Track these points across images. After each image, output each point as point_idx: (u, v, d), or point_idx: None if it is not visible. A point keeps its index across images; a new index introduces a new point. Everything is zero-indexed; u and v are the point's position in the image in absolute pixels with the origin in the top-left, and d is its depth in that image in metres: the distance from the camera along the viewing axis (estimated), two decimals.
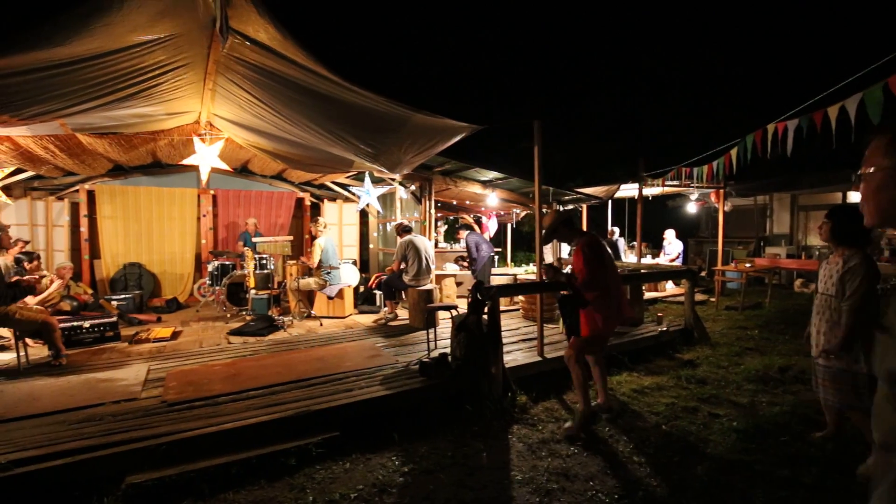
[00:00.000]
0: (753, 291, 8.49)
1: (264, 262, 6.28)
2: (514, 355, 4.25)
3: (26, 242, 5.57)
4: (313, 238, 6.31)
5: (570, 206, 8.69)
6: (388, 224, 8.93)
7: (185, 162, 5.34)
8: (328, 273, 6.24)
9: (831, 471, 2.62)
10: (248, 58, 3.12)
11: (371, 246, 9.33)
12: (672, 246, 9.07)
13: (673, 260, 8.89)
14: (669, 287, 8.85)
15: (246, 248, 6.70)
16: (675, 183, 8.03)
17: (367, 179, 6.85)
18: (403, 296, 6.16)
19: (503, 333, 4.01)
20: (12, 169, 5.74)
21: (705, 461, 2.77)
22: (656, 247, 11.20)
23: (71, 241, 7.50)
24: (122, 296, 6.61)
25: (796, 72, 17.57)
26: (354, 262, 8.20)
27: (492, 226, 10.09)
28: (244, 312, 6.39)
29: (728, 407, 3.56)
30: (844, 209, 2.75)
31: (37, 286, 4.69)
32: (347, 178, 7.78)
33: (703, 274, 10.19)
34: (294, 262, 6.72)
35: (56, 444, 2.58)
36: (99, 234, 7.47)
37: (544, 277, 3.59)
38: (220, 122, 5.11)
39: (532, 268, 8.92)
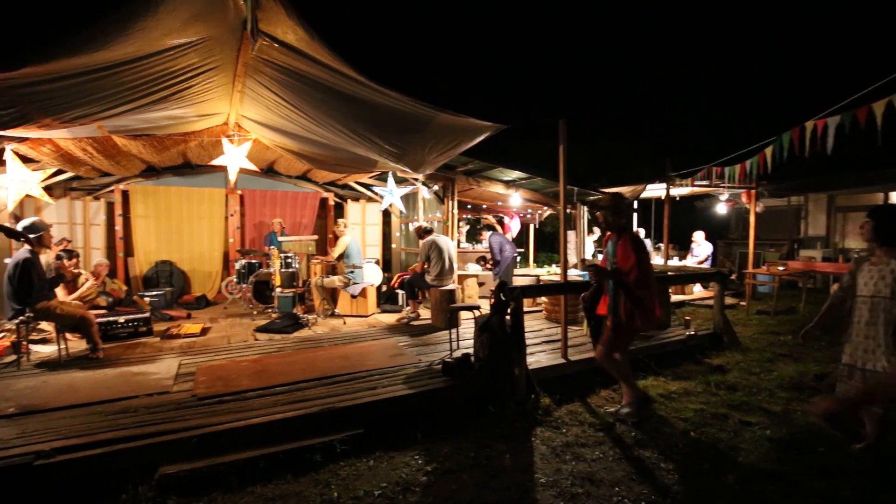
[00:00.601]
0: (786, 295, 8.20)
1: (289, 260, 6.40)
2: (538, 357, 4.22)
3: (69, 241, 5.82)
4: (336, 238, 6.41)
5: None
6: (410, 224, 8.97)
7: (214, 162, 5.48)
8: (352, 272, 6.31)
9: (872, 484, 2.51)
10: (277, 59, 3.19)
11: (393, 246, 9.40)
12: (701, 248, 8.83)
13: (701, 262, 8.66)
14: (697, 290, 8.62)
15: (272, 248, 6.84)
16: (704, 183, 7.82)
17: (391, 179, 6.90)
18: (426, 295, 6.18)
19: (526, 335, 3.98)
20: (53, 170, 5.99)
21: (736, 470, 2.69)
22: (683, 248, 10.91)
23: (107, 239, 7.80)
24: (154, 292, 6.83)
25: (837, 67, 16.87)
26: (377, 262, 8.28)
27: (514, 226, 10.03)
28: (270, 310, 6.52)
29: (760, 415, 3.44)
30: (888, 208, 2.66)
31: (68, 276, 4.89)
32: (371, 178, 7.85)
33: (732, 277, 9.90)
34: (318, 260, 6.83)
35: (94, 434, 2.69)
36: (132, 232, 7.75)
37: (589, 278, 3.53)
38: (248, 124, 5.23)
39: (555, 269, 8.82)
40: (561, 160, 4.02)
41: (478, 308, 4.66)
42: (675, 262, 8.63)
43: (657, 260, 8.78)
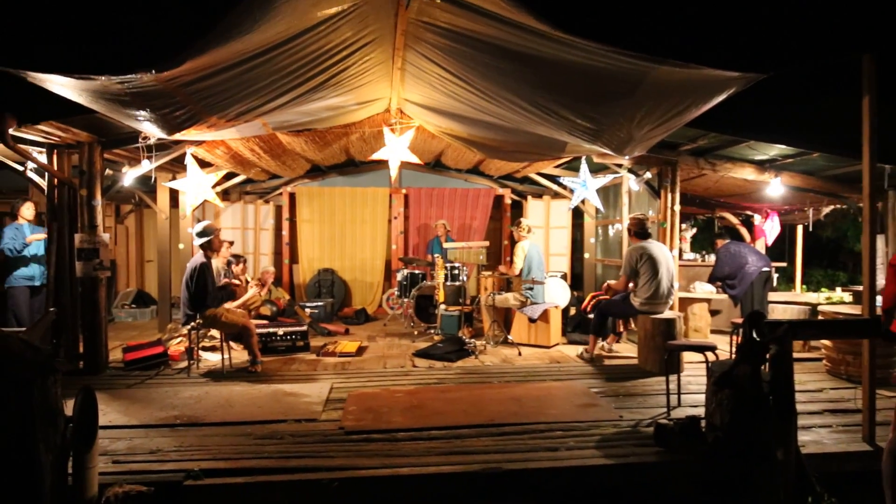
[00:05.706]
0: None
1: (456, 272, 6.58)
2: (817, 435, 3.44)
3: (231, 243, 7.05)
4: (514, 243, 6.35)
5: None
6: (610, 227, 8.43)
7: (375, 156, 5.98)
8: (530, 288, 6.16)
9: None
10: (439, 20, 3.22)
11: (586, 255, 8.97)
12: None
13: None
14: None
15: (436, 256, 7.14)
16: None
17: (584, 167, 6.55)
18: (632, 325, 5.65)
19: (797, 396, 3.23)
20: (224, 173, 7.34)
21: None
22: None
23: (274, 244, 9.29)
24: (315, 303, 7.81)
25: None
26: (564, 276, 7.97)
27: (771, 229, 8.58)
28: (432, 331, 6.81)
29: None
30: None
31: (237, 290, 5.91)
32: (557, 167, 7.62)
33: None
34: (490, 273, 6.87)
35: (240, 459, 3.06)
36: (297, 237, 9.07)
37: None
38: (411, 109, 5.55)
39: (841, 294, 7.23)
40: (865, 120, 3.22)
41: (712, 349, 4.01)
42: None
43: None
